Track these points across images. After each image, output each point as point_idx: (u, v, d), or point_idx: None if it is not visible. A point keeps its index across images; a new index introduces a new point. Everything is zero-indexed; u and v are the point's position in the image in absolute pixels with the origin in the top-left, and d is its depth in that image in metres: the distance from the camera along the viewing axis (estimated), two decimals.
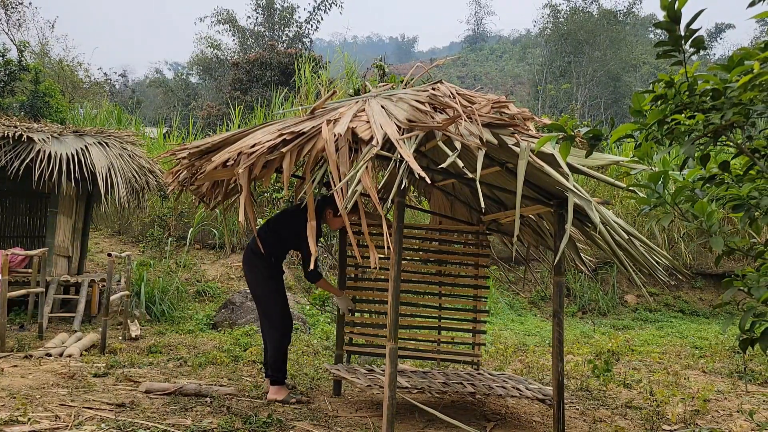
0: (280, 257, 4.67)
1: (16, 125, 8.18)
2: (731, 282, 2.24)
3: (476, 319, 5.04)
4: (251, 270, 4.61)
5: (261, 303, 4.61)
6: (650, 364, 6.70)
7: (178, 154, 4.01)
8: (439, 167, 2.95)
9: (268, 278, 4.57)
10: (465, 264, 5.13)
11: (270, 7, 31.88)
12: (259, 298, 4.62)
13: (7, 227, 9.82)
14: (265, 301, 4.58)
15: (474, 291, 5.08)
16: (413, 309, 5.14)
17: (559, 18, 38.20)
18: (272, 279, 4.58)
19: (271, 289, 4.57)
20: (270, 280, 4.57)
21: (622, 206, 12.23)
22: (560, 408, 3.75)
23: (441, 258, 5.13)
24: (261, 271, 4.57)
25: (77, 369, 5.21)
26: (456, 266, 5.14)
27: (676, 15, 1.90)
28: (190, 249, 11.37)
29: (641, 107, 2.13)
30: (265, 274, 4.56)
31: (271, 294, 4.56)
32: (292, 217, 4.61)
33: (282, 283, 4.66)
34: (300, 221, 4.11)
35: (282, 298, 4.60)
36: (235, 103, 16.60)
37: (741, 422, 4.40)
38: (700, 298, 12.03)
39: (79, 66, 21.79)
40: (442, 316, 5.12)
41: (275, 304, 4.55)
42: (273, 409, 4.21)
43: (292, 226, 4.53)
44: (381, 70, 7.89)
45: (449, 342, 5.11)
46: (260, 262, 4.54)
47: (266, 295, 4.57)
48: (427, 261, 5.17)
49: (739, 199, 2.16)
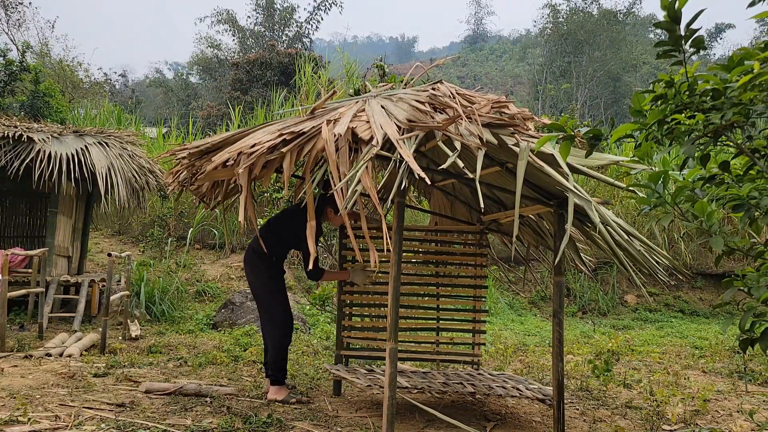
0: (281, 257, 4.67)
1: (16, 125, 8.18)
2: (731, 282, 2.24)
3: (476, 318, 5.03)
4: (252, 270, 4.61)
5: (262, 303, 4.61)
6: (650, 364, 6.70)
7: (178, 154, 4.01)
8: (440, 168, 2.95)
9: (269, 278, 4.57)
10: (465, 264, 5.11)
11: (270, 7, 31.88)
12: (260, 297, 4.62)
13: (7, 227, 9.82)
14: (267, 300, 4.58)
15: (474, 291, 5.06)
16: (412, 311, 5.13)
17: (558, 18, 38.21)
18: (273, 279, 4.58)
19: (272, 289, 4.57)
20: (271, 279, 4.57)
21: (622, 206, 12.24)
22: (560, 408, 3.75)
23: (440, 259, 5.12)
24: (262, 270, 4.57)
25: (77, 369, 5.21)
26: (456, 266, 5.13)
27: (676, 15, 1.90)
28: (190, 249, 11.37)
29: (641, 107, 2.13)
30: (266, 274, 4.56)
31: (273, 294, 4.56)
32: (292, 218, 4.61)
33: (283, 282, 4.66)
34: (300, 221, 4.11)
35: (283, 297, 4.60)
36: (234, 104, 16.59)
37: (741, 422, 4.40)
38: (700, 298, 12.03)
39: (79, 66, 21.80)
40: (441, 317, 5.11)
41: (277, 304, 4.55)
42: (273, 409, 4.21)
43: (291, 227, 4.53)
44: (381, 70, 7.90)
45: (449, 342, 5.10)
46: (261, 262, 4.54)
47: (267, 294, 4.57)
48: (427, 262, 5.16)
49: (739, 199, 2.16)
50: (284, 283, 4.67)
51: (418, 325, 5.21)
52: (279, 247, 4.60)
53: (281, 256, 4.66)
